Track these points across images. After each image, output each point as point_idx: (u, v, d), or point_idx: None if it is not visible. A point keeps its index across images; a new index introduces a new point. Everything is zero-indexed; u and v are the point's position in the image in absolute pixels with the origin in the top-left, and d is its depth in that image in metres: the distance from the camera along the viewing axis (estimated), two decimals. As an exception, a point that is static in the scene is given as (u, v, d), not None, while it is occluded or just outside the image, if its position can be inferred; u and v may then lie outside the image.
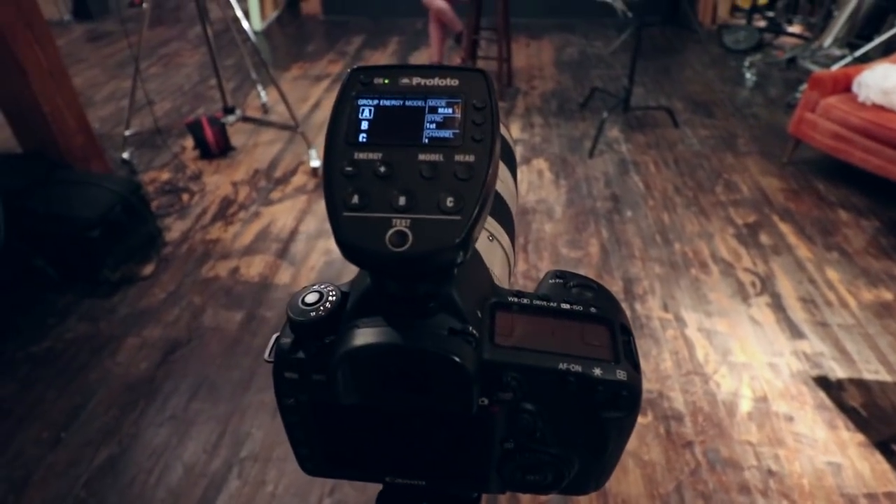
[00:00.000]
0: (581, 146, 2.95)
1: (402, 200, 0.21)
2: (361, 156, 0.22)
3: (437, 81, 0.23)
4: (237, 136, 3.00)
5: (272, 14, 5.01)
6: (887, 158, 2.29)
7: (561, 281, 0.26)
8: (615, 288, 2.02)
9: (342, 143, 0.22)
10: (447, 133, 0.22)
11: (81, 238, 1.91)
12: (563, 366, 0.23)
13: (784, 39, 4.19)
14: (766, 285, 2.01)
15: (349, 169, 0.22)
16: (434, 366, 0.22)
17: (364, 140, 0.22)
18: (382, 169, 0.21)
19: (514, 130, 3.13)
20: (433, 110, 0.22)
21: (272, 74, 2.69)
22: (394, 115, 0.22)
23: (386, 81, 0.23)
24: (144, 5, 2.52)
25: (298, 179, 2.71)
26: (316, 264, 2.16)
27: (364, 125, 0.22)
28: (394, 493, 0.28)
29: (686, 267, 2.11)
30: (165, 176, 2.71)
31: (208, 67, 3.91)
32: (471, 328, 0.23)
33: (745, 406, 1.57)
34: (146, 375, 1.69)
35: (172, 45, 4.46)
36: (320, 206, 2.50)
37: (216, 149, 2.83)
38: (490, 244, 0.30)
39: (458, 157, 0.21)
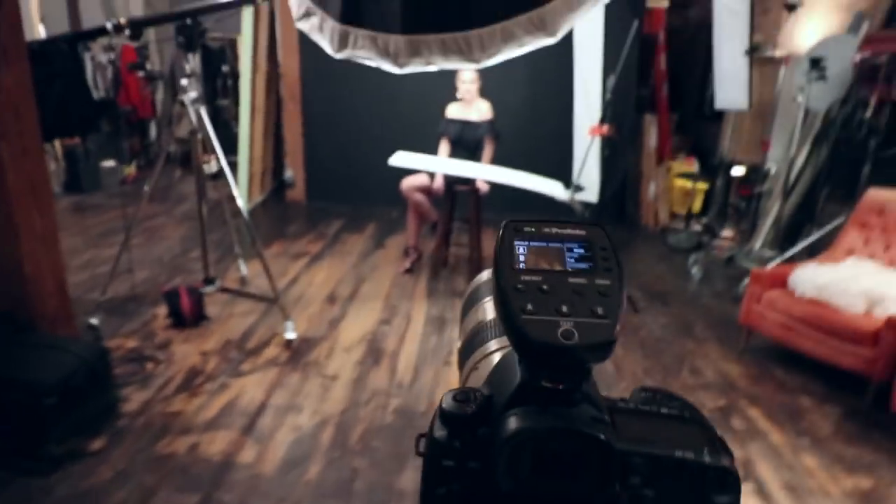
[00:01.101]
0: (550, 328, 3.07)
1: (564, 308, 0.27)
2: (526, 278, 0.28)
3: (568, 231, 0.31)
4: (212, 306, 3.01)
5: (258, 198, 5.39)
6: (833, 348, 2.47)
7: (650, 394, 0.31)
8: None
9: (509, 269, 0.29)
10: (585, 265, 0.29)
11: (36, 405, 1.78)
12: (679, 453, 0.27)
13: (719, 242, 4.73)
14: (748, 472, 1.98)
15: (520, 286, 0.28)
16: (584, 446, 0.26)
17: (523, 268, 0.29)
18: (544, 286, 0.28)
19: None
20: (570, 250, 0.30)
21: (259, 247, 2.81)
22: (542, 252, 0.30)
23: (532, 230, 0.31)
24: (146, 187, 2.71)
25: (271, 351, 2.67)
26: (284, 441, 2.04)
27: (521, 258, 0.30)
28: None
29: (665, 451, 2.08)
30: (132, 343, 2.63)
31: (190, 241, 4.06)
32: (606, 417, 0.27)
33: None
34: (75, 572, 1.45)
35: (158, 219, 4.66)
36: (293, 380, 2.44)
37: (190, 318, 2.81)
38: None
39: (598, 280, 0.28)
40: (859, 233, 2.94)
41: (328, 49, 2.25)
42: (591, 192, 3.45)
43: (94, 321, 2.66)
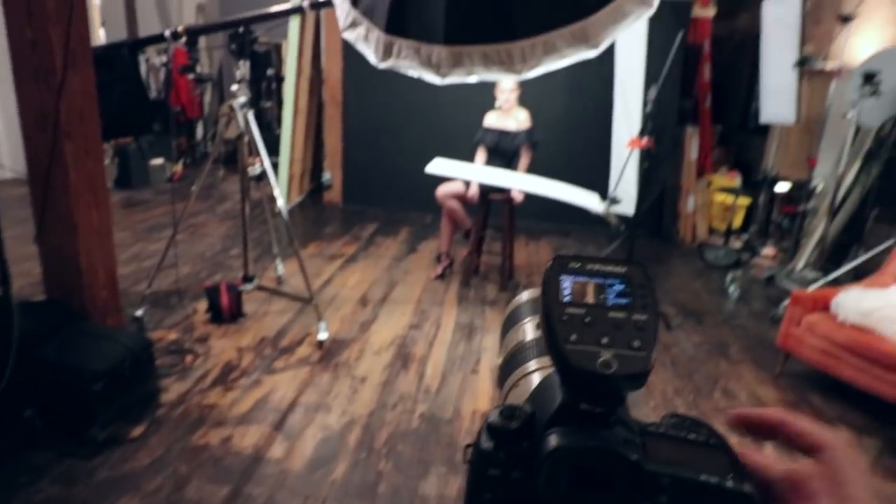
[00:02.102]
0: (580, 341, 3.04)
1: (604, 339, 0.29)
2: (570, 310, 0.31)
3: (611, 268, 0.33)
4: (249, 303, 3.10)
5: (296, 199, 5.52)
6: (876, 377, 2.38)
7: (678, 420, 0.33)
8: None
9: (555, 302, 0.32)
10: (624, 300, 0.31)
11: (83, 390, 1.88)
12: (703, 477, 0.29)
13: (758, 260, 4.60)
14: None
15: (565, 318, 0.31)
16: (617, 466, 0.29)
17: (568, 300, 0.32)
18: (587, 319, 0.30)
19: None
20: (611, 286, 0.32)
21: (297, 247, 2.89)
22: (585, 287, 0.32)
23: (578, 265, 0.33)
24: (193, 188, 2.82)
25: (304, 350, 2.74)
26: (312, 439, 2.09)
27: (566, 291, 0.32)
28: None
29: (694, 473, 2.04)
30: (173, 336, 2.74)
31: (230, 239, 4.20)
32: (638, 440, 0.30)
33: None
34: (113, 553, 1.53)
35: (201, 216, 4.84)
36: (323, 379, 2.50)
37: (228, 314, 2.91)
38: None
39: (636, 316, 0.31)
40: (910, 258, 2.82)
41: (372, 59, 2.31)
42: (627, 204, 3.41)
43: (139, 313, 2.78)
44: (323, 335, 2.78)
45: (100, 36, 4.90)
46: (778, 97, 3.99)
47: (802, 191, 4.34)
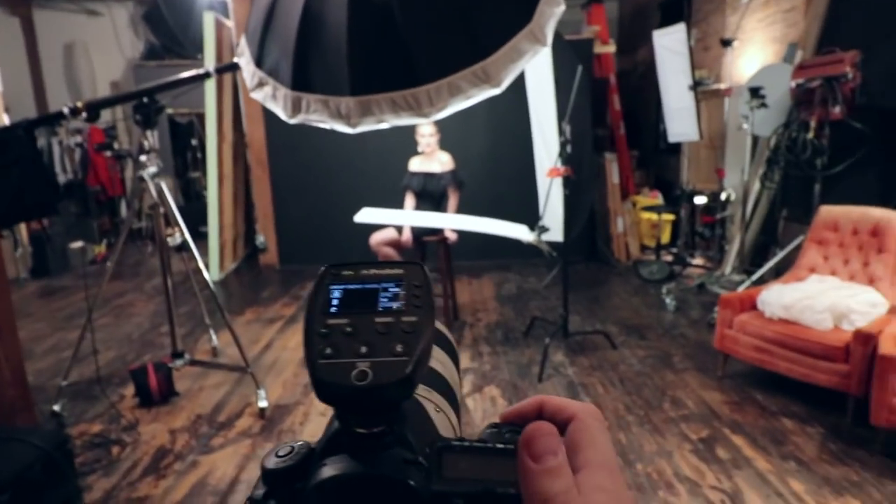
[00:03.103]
0: (529, 372, 3.03)
1: (363, 349, 0.27)
2: (332, 321, 0.28)
3: (387, 271, 0.31)
4: (182, 381, 2.92)
5: (230, 266, 5.35)
6: (808, 366, 2.48)
7: (496, 430, 0.30)
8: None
9: (319, 313, 0.29)
10: (396, 304, 0.29)
11: (-15, 505, 1.68)
12: (500, 489, 0.26)
13: (691, 270, 4.80)
14: (737, 502, 1.94)
15: (324, 331, 0.28)
16: (391, 491, 0.25)
17: (335, 311, 0.29)
18: (349, 329, 0.28)
19: (463, 360, 3.21)
20: (385, 290, 0.30)
21: (227, 318, 2.77)
22: (357, 294, 0.30)
23: (351, 273, 0.31)
24: (108, 263, 2.68)
25: (244, 422, 2.58)
26: (257, 518, 1.94)
27: (335, 301, 0.29)
28: None
29: (653, 489, 2.03)
30: (97, 428, 2.53)
31: (160, 316, 3.99)
32: (421, 459, 0.27)
33: None
34: None
35: (127, 296, 4.58)
36: (266, 450, 2.35)
37: (158, 395, 2.72)
38: (438, 415, 0.34)
39: (405, 319, 0.28)
40: (818, 250, 3.01)
41: (282, 115, 2.30)
42: (556, 231, 3.49)
43: (56, 408, 2.56)
44: (262, 403, 2.63)
45: (4, 120, 4.70)
46: (680, 118, 4.27)
47: (717, 201, 4.61)
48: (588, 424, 0.27)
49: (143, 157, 2.57)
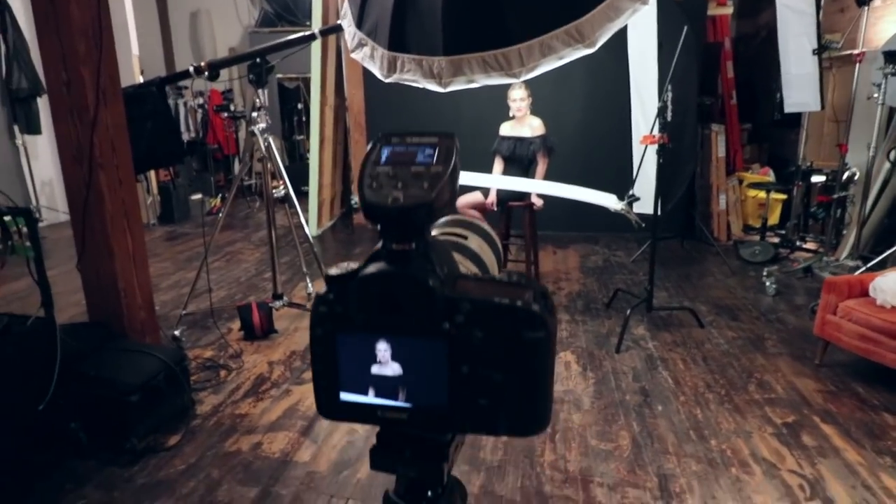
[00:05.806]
0: (607, 342, 3.01)
1: (399, 184, 0.37)
2: (380, 169, 0.39)
3: (425, 139, 0.41)
4: (281, 320, 3.22)
5: (328, 223, 5.69)
6: (922, 360, 2.26)
7: (505, 274, 0.39)
8: (649, 484, 1.90)
9: (371, 163, 0.40)
10: (429, 160, 0.39)
11: (121, 402, 1.99)
12: (497, 299, 0.35)
13: (799, 253, 4.43)
14: (817, 489, 1.84)
15: (373, 174, 0.38)
16: (414, 288, 0.32)
17: (383, 162, 0.39)
18: (391, 173, 0.38)
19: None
20: (422, 151, 0.40)
21: (322, 268, 3.00)
22: (400, 153, 0.40)
23: (397, 140, 0.41)
24: (220, 214, 2.98)
25: (332, 362, 2.81)
26: (338, 444, 2.14)
27: (384, 156, 0.40)
28: (386, 442, 0.37)
29: (725, 465, 1.98)
30: (209, 353, 2.87)
31: (264, 263, 4.37)
32: (440, 271, 0.36)
33: None
34: (148, 550, 1.60)
35: (237, 244, 5.05)
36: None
37: (260, 331, 3.02)
38: (466, 260, 0.43)
39: (433, 169, 0.38)
40: (952, 235, 2.68)
41: (378, 74, 2.41)
42: (647, 203, 3.37)
43: (176, 332, 2.93)
44: (349, 346, 2.84)
45: (139, 79, 5.28)
46: (800, 85, 3.90)
47: (836, 180, 4.19)
48: None
49: (254, 114, 2.80)
